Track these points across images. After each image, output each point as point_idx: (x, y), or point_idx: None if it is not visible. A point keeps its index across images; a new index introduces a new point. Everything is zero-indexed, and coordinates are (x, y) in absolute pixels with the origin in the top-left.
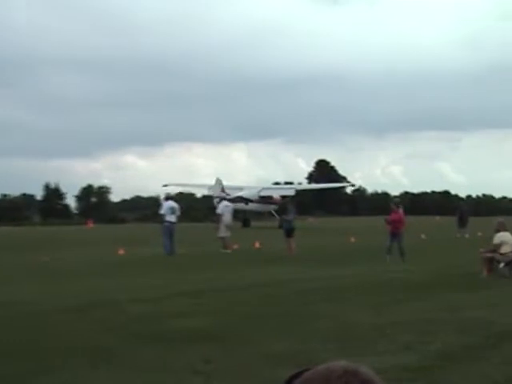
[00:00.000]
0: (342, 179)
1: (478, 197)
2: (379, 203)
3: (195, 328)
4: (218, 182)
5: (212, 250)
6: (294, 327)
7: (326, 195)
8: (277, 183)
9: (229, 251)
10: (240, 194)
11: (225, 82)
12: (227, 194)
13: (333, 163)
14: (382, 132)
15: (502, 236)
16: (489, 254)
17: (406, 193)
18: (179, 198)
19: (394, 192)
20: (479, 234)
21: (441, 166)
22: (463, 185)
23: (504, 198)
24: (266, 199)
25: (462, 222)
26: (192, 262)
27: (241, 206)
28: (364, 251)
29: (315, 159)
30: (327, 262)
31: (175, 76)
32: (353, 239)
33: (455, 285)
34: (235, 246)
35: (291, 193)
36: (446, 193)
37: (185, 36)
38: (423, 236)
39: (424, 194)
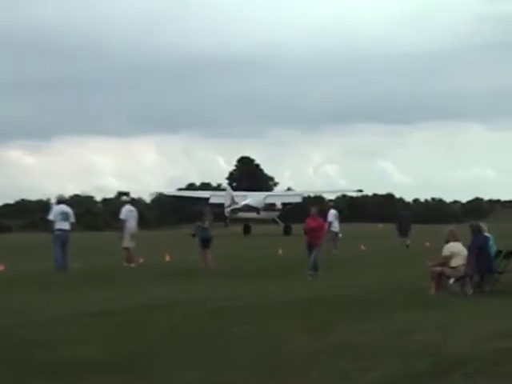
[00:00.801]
0: (269, 180)
1: (426, 201)
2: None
3: (89, 357)
4: (228, 191)
5: (113, 264)
6: (207, 354)
7: None
8: (191, 185)
9: (133, 265)
10: (246, 202)
11: (127, 65)
12: (236, 203)
13: (257, 161)
14: (314, 125)
15: (452, 247)
16: (437, 268)
17: (344, 196)
18: (74, 201)
19: (330, 195)
20: (427, 244)
21: (384, 165)
22: (409, 187)
23: (455, 202)
24: (270, 206)
25: (403, 231)
26: (89, 279)
27: (252, 215)
28: (293, 264)
29: (237, 156)
30: (251, 276)
31: (66, 58)
32: (280, 251)
33: (399, 303)
34: (141, 260)
35: (298, 200)
36: (390, 196)
37: (79, 13)
38: (363, 247)
39: (364, 198)
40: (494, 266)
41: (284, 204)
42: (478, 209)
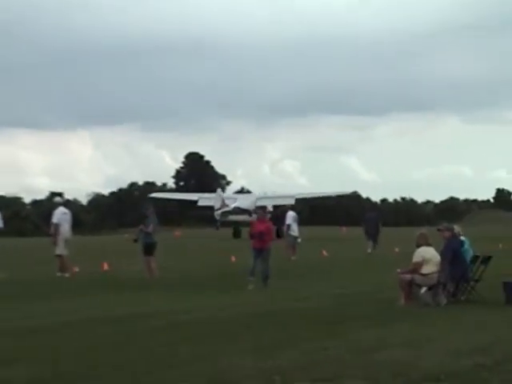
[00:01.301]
0: (221, 178)
1: (395, 201)
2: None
3: (10, 382)
4: (219, 193)
5: (44, 274)
6: (146, 378)
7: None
8: (133, 185)
9: (67, 275)
10: (236, 204)
11: (59, 51)
12: (227, 206)
13: (207, 157)
14: (270, 116)
15: (424, 252)
16: (407, 276)
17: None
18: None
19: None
20: (396, 249)
21: (348, 161)
22: (377, 185)
23: (428, 202)
24: (261, 209)
25: (371, 235)
26: (15, 291)
27: (243, 217)
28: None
29: (184, 152)
30: (198, 288)
31: None
32: (233, 258)
33: (364, 316)
34: (76, 269)
35: (291, 202)
36: (356, 196)
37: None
38: (325, 252)
39: (327, 198)
40: (470, 273)
41: (275, 206)
42: (452, 209)
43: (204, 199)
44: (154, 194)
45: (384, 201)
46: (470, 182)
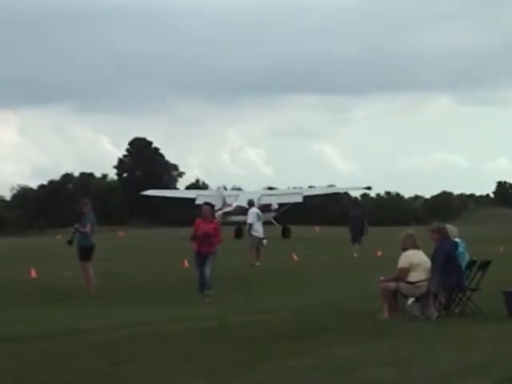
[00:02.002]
0: (172, 169)
1: (378, 196)
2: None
3: None
4: (219, 190)
5: None
6: None
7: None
8: (66, 176)
9: None
10: (238, 203)
11: None
12: (228, 205)
13: (156, 144)
14: (230, 96)
15: (411, 256)
16: (392, 284)
17: (270, 188)
18: None
19: (251, 188)
20: (378, 253)
21: (322, 149)
22: (356, 178)
23: (416, 197)
24: (265, 207)
25: (354, 234)
26: None
27: (246, 218)
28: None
29: (128, 138)
30: (144, 298)
31: None
32: (186, 263)
33: (340, 332)
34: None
35: (298, 199)
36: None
37: None
38: (295, 256)
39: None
40: (466, 281)
41: (281, 204)
42: (445, 206)
43: (203, 197)
44: (147, 192)
45: (365, 196)
46: (465, 174)
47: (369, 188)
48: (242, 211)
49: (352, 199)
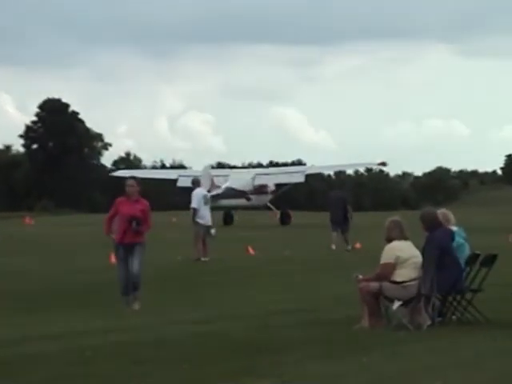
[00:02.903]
0: (94, 139)
1: (357, 174)
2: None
3: None
4: (207, 170)
5: None
6: None
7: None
8: None
9: None
10: (228, 184)
11: None
12: (218, 187)
13: (74, 107)
14: (169, 46)
15: (397, 249)
16: (373, 285)
17: (221, 165)
18: None
19: (197, 165)
20: (356, 244)
21: (286, 115)
22: (329, 150)
23: (405, 175)
24: (261, 189)
25: (335, 222)
26: None
27: (242, 202)
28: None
29: (38, 100)
30: (56, 304)
31: None
32: (113, 259)
33: (307, 344)
34: None
35: (299, 179)
36: (298, 165)
37: None
38: (251, 250)
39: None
40: (466, 281)
41: (278, 185)
42: (440, 186)
43: (185, 178)
44: (118, 173)
45: (340, 173)
46: (466, 145)
47: (383, 164)
48: (235, 194)
49: (325, 178)
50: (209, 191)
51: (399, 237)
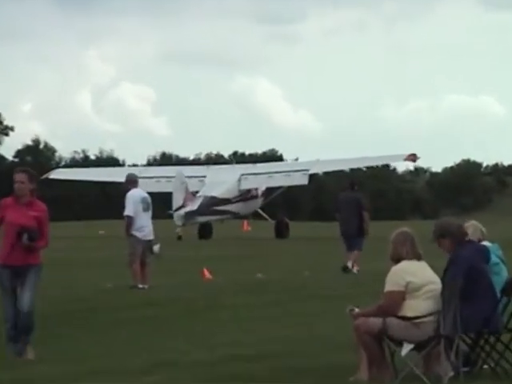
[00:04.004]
0: None
1: (353, 169)
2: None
3: None
4: (180, 176)
5: None
6: None
7: None
8: None
9: None
10: (205, 192)
11: None
12: (195, 193)
13: None
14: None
15: (408, 272)
16: (374, 322)
17: (166, 158)
18: None
19: (131, 157)
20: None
21: (252, 87)
22: (318, 137)
23: (418, 171)
24: (249, 193)
25: (347, 235)
26: None
27: (225, 216)
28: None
29: None
30: None
31: None
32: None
33: None
34: None
35: (301, 181)
36: (276, 158)
37: None
38: (207, 274)
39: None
40: (502, 316)
41: (270, 188)
42: (468, 186)
43: (147, 181)
44: (56, 173)
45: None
46: (501, 130)
47: (413, 158)
48: (215, 203)
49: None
50: (183, 206)
51: (410, 255)
